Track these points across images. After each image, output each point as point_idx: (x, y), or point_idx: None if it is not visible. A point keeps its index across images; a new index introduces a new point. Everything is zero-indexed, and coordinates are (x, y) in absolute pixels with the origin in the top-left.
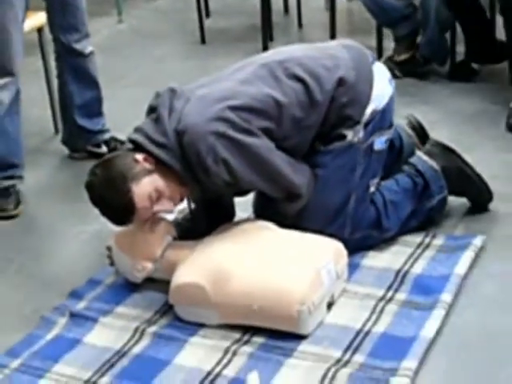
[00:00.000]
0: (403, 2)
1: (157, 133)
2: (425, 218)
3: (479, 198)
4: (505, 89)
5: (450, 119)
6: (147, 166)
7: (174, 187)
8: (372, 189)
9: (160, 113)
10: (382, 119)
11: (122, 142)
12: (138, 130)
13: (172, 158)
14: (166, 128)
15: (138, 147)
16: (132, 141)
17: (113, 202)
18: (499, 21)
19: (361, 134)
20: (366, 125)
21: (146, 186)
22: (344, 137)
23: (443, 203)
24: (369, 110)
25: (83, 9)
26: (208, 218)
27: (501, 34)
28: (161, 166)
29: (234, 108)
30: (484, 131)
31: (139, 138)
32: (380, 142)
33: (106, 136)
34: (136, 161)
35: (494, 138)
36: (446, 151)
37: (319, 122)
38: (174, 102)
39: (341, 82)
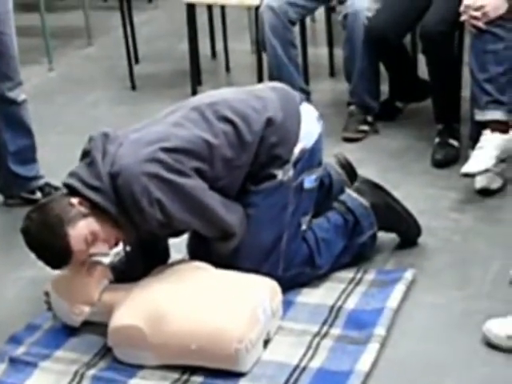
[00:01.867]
0: None
1: (91, 177)
2: (356, 253)
3: (408, 232)
4: (429, 126)
5: (376, 157)
6: (82, 209)
7: (109, 230)
8: (304, 226)
9: (94, 156)
10: (311, 158)
11: (56, 188)
12: (72, 174)
13: (107, 201)
14: (99, 171)
15: (73, 191)
16: (67, 185)
17: (49, 245)
18: (421, 59)
19: (290, 172)
20: (296, 163)
21: (82, 229)
22: (274, 176)
23: (374, 239)
24: (298, 149)
25: (16, 57)
26: (143, 261)
27: (423, 72)
28: (96, 210)
29: (166, 150)
30: (410, 167)
31: (74, 182)
32: (310, 181)
33: (41, 182)
34: (71, 204)
35: (420, 173)
36: (374, 188)
37: (249, 162)
38: (107, 146)
39: (269, 122)
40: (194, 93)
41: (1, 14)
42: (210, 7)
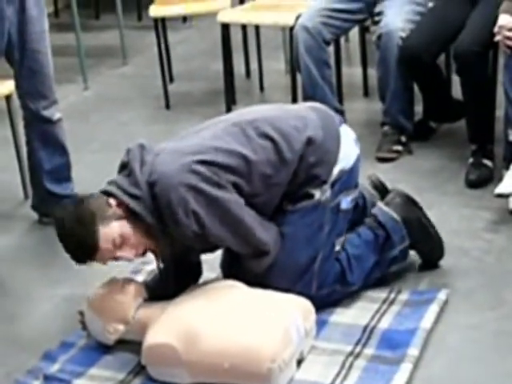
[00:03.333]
0: None
1: (130, 185)
2: (387, 268)
3: (431, 253)
4: (462, 146)
5: (410, 177)
6: (118, 211)
7: (140, 237)
8: (337, 247)
9: (132, 166)
10: (349, 179)
11: None
12: (111, 182)
13: (144, 209)
14: (138, 180)
15: (111, 197)
16: (105, 192)
17: (78, 237)
18: (456, 80)
19: (328, 193)
20: (333, 184)
21: (114, 229)
22: (312, 196)
23: (405, 253)
24: (336, 170)
25: (51, 76)
26: (176, 278)
27: (457, 92)
28: (131, 216)
29: (204, 162)
30: (444, 188)
31: (113, 189)
32: (346, 202)
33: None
34: (109, 204)
35: (454, 194)
36: (407, 201)
37: (288, 180)
38: (144, 156)
39: (309, 141)
40: (229, 111)
41: (37, 34)
42: (244, 27)
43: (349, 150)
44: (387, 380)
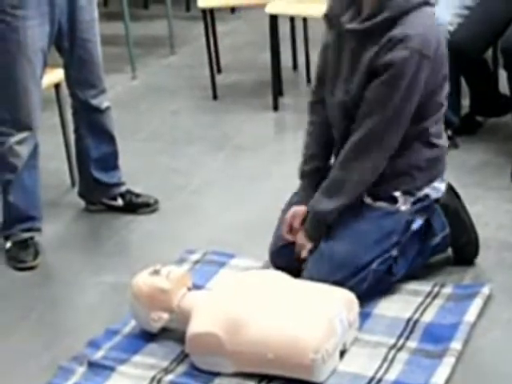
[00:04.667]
0: None
1: None
2: (430, 256)
3: (465, 248)
4: (509, 141)
5: (455, 171)
6: None
7: None
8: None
9: None
10: (430, 206)
11: (137, 195)
12: None
13: None
14: None
15: None
16: None
17: None
18: (503, 74)
19: (408, 205)
20: (416, 202)
21: None
22: (395, 200)
23: (446, 240)
24: (425, 192)
25: (100, 65)
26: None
27: (504, 87)
28: None
29: None
30: (489, 182)
31: None
32: (418, 223)
33: (122, 189)
34: None
35: (499, 189)
36: (448, 191)
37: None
38: None
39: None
40: (276, 103)
41: (87, 22)
42: (292, 19)
43: (441, 183)
44: (429, 374)
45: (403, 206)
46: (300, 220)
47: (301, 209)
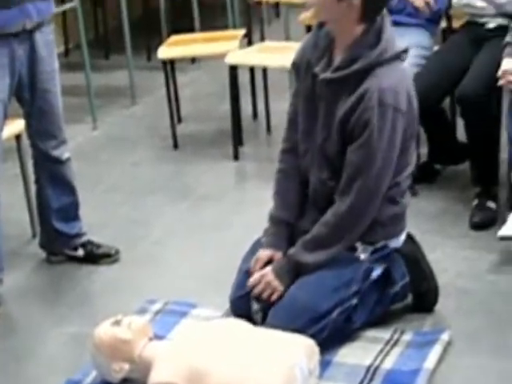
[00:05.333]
0: None
1: None
2: (389, 305)
3: (425, 296)
4: (467, 188)
5: (414, 219)
6: None
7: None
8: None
9: None
10: (390, 255)
11: (98, 246)
12: None
13: None
14: None
15: None
16: None
17: None
18: (460, 123)
19: (368, 254)
20: (375, 252)
21: None
22: (355, 249)
23: (406, 289)
24: (385, 242)
25: (60, 115)
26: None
27: (462, 135)
28: None
29: None
30: (448, 230)
31: None
32: (377, 272)
33: (83, 240)
34: None
35: (458, 236)
36: (407, 240)
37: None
38: None
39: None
40: (236, 153)
41: (47, 73)
42: (252, 68)
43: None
44: None
45: (362, 254)
46: (262, 264)
47: (266, 253)
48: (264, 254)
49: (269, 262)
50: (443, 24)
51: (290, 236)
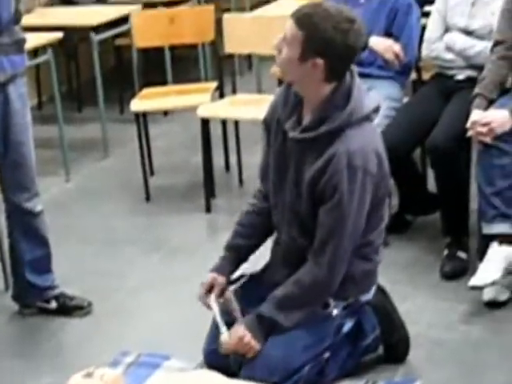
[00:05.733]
0: None
1: None
2: (361, 357)
3: (396, 347)
4: (438, 238)
5: (386, 269)
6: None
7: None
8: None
9: None
10: (360, 309)
11: (71, 298)
12: None
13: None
14: None
15: None
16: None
17: None
18: (431, 173)
19: (340, 309)
20: (346, 307)
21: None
22: (327, 305)
23: (377, 341)
24: (354, 299)
25: (33, 168)
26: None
27: (432, 186)
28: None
29: None
30: (419, 280)
31: None
32: (348, 326)
33: (56, 292)
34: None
35: (429, 286)
36: (377, 291)
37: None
38: None
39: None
40: (208, 205)
41: (20, 125)
42: (224, 121)
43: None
44: None
45: (335, 310)
46: (219, 290)
47: (210, 276)
48: (208, 276)
49: (212, 286)
50: (413, 76)
51: (238, 260)
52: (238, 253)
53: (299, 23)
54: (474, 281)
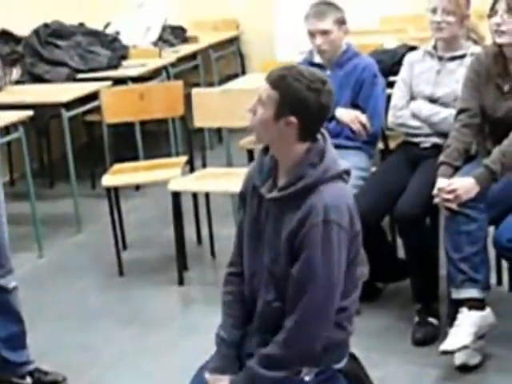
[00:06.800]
0: None
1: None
2: None
3: None
4: (409, 305)
5: (357, 337)
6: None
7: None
8: None
9: None
10: (333, 376)
11: (46, 373)
12: None
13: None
14: None
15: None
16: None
17: None
18: (400, 240)
19: (312, 376)
20: (319, 374)
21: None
22: (299, 372)
23: None
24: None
25: (6, 245)
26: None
27: (403, 253)
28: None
29: None
30: (391, 347)
31: None
32: None
33: (31, 367)
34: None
35: (401, 352)
36: (351, 357)
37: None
38: None
39: None
40: (181, 278)
41: None
42: (195, 194)
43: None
44: None
45: (307, 376)
46: None
47: (214, 377)
48: (212, 378)
49: None
50: (380, 145)
51: (238, 357)
52: (235, 348)
53: (274, 84)
54: (445, 346)
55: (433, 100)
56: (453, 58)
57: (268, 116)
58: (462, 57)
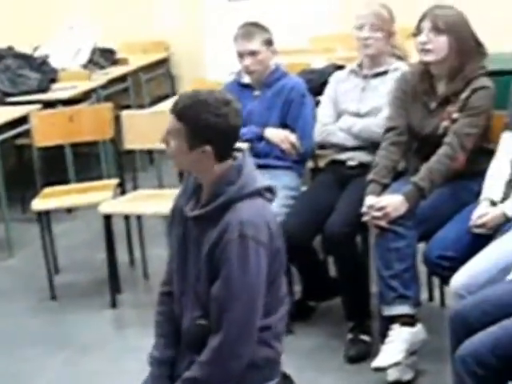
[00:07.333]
0: None
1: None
2: None
3: None
4: (341, 323)
5: (291, 356)
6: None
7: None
8: None
9: None
10: None
11: None
12: None
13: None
14: None
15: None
16: None
17: None
18: (331, 259)
19: None
20: None
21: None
22: None
23: None
24: None
25: None
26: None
27: (334, 271)
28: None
29: None
30: (324, 365)
31: None
32: None
33: None
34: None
35: (334, 370)
36: (283, 377)
37: None
38: None
39: None
40: (114, 300)
41: None
42: (126, 216)
43: None
44: None
45: None
46: None
47: None
48: None
49: None
50: (310, 164)
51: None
52: (170, 367)
53: (180, 117)
54: (378, 362)
55: (359, 116)
56: (376, 75)
57: (181, 148)
58: (385, 73)
